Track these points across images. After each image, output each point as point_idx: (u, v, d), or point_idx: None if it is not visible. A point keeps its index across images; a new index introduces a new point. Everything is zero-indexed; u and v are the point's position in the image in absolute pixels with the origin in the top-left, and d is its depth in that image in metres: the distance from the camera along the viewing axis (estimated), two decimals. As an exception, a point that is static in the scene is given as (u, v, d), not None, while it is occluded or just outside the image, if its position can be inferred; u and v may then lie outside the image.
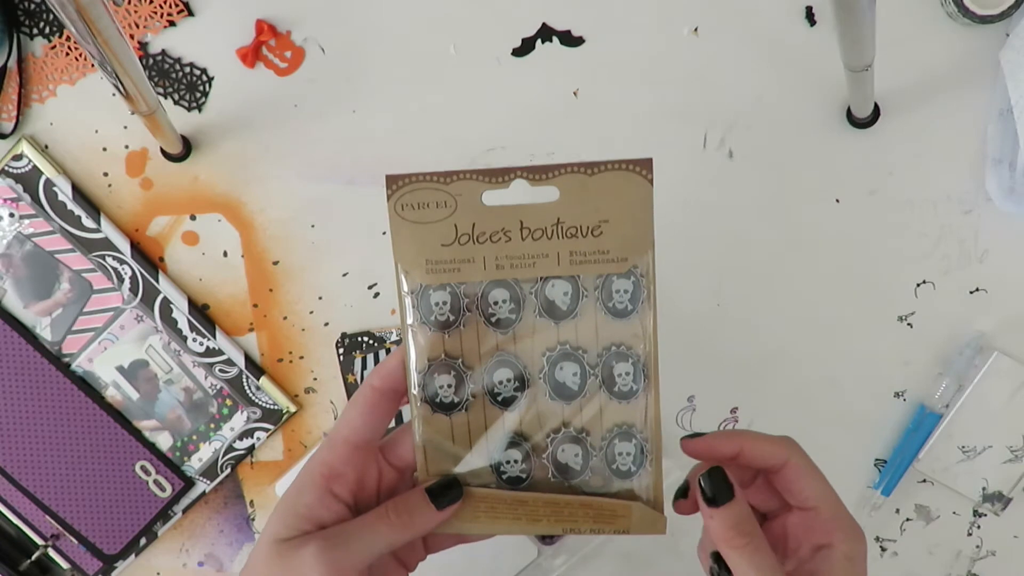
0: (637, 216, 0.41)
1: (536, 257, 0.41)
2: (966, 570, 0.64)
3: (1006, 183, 0.59)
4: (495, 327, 0.42)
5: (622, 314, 0.42)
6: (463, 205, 0.41)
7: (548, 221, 0.41)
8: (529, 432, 0.43)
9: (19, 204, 0.62)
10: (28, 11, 0.62)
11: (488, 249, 0.41)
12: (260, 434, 0.64)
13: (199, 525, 0.66)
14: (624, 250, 0.41)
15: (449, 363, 0.42)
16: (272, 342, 0.64)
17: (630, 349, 0.42)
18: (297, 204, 0.63)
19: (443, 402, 0.42)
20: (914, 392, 0.62)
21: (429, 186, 0.41)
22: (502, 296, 0.42)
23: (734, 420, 0.63)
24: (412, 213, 0.41)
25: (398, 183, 0.41)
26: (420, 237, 0.41)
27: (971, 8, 0.57)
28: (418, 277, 0.42)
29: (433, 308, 0.42)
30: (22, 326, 0.63)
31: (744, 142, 0.61)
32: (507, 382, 0.42)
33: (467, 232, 0.41)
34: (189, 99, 0.63)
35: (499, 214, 0.41)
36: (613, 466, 0.42)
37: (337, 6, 0.62)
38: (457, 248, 0.41)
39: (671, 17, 0.61)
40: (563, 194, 0.41)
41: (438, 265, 0.41)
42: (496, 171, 0.41)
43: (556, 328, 0.42)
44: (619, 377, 0.42)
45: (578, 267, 0.41)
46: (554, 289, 0.42)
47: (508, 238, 0.41)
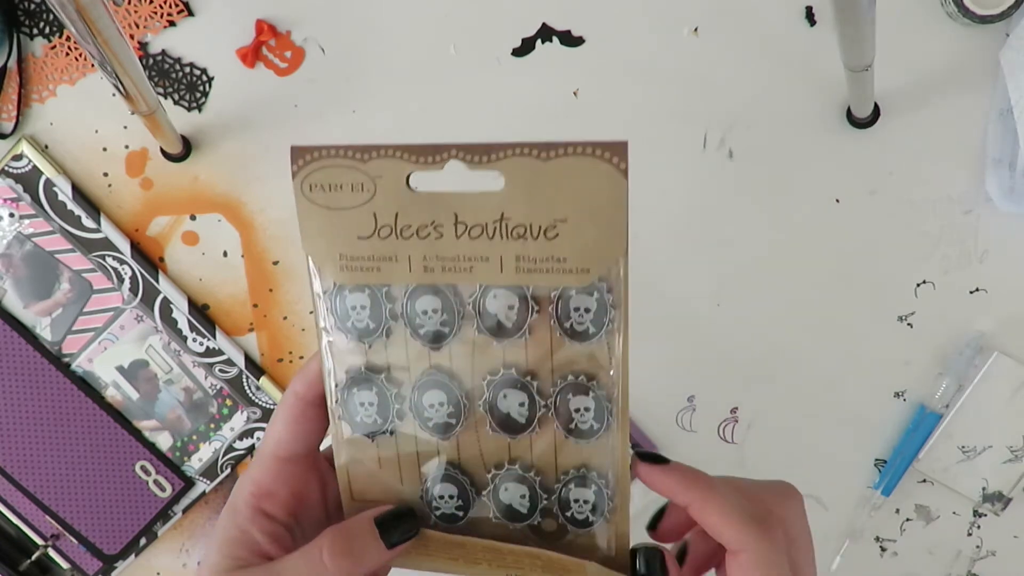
0: (605, 216, 0.32)
1: (474, 260, 0.33)
2: (966, 570, 0.64)
3: (1006, 183, 0.59)
4: (424, 341, 0.34)
5: (582, 337, 0.33)
6: (384, 189, 0.33)
7: (490, 216, 0.33)
8: (468, 465, 0.36)
9: (19, 204, 0.62)
10: (28, 11, 0.62)
11: (415, 246, 0.33)
12: (260, 434, 0.64)
13: (199, 525, 0.66)
14: (586, 259, 0.32)
15: (371, 378, 0.35)
16: (272, 342, 0.64)
17: (592, 379, 0.34)
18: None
19: (364, 422, 0.36)
20: (914, 392, 0.62)
21: (342, 163, 0.33)
22: (432, 305, 0.34)
23: (734, 420, 0.63)
24: (323, 196, 0.33)
25: (305, 157, 0.33)
26: (332, 226, 0.34)
27: (971, 8, 0.57)
28: (331, 275, 0.34)
29: (350, 312, 0.35)
30: (22, 326, 0.63)
31: (744, 142, 0.61)
32: (439, 407, 0.35)
33: (389, 224, 0.33)
34: (189, 99, 0.63)
35: (429, 203, 0.33)
36: (567, 513, 0.35)
37: (337, 6, 0.61)
38: (377, 243, 0.33)
39: (671, 17, 0.61)
40: (509, 183, 0.32)
41: (354, 262, 0.34)
42: (426, 148, 0.33)
43: (500, 348, 0.34)
44: (576, 413, 0.34)
45: (526, 276, 0.33)
46: (496, 301, 0.33)
47: (440, 234, 0.33)
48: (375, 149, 0.33)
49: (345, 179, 0.33)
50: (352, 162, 0.33)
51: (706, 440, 0.64)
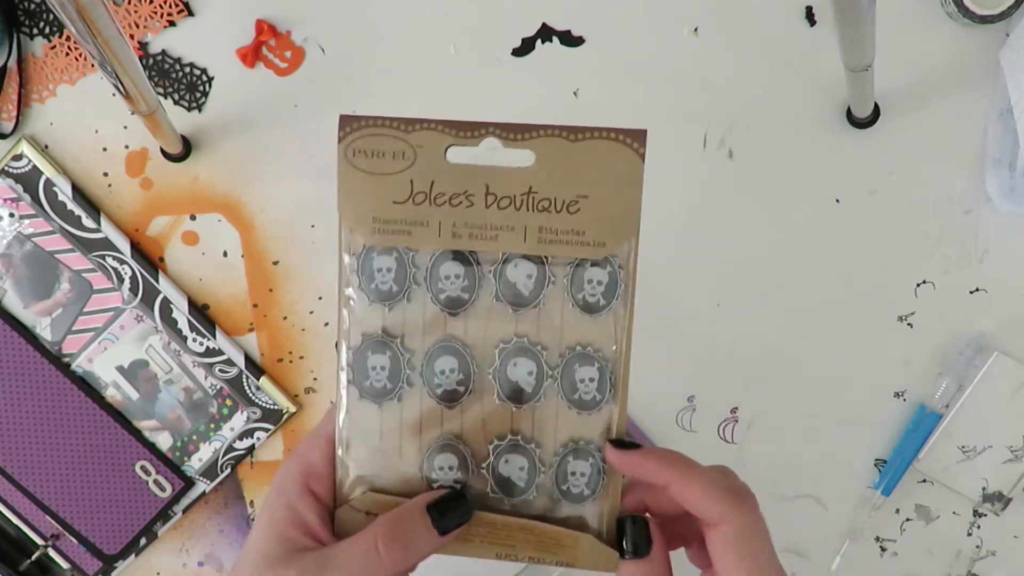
0: (622, 195, 0.36)
1: (500, 229, 0.36)
2: (966, 570, 0.64)
3: (1006, 183, 0.59)
4: (444, 307, 0.36)
5: (592, 309, 0.36)
6: (424, 159, 0.36)
7: (518, 189, 0.35)
8: (470, 436, 0.37)
9: (19, 204, 0.62)
10: (28, 11, 0.62)
11: (446, 213, 0.36)
12: (260, 434, 0.64)
13: (199, 525, 0.66)
14: (602, 233, 0.36)
15: (386, 342, 0.37)
16: (272, 342, 0.64)
17: (598, 351, 0.36)
18: (297, 204, 0.63)
19: (374, 387, 0.37)
20: (914, 392, 0.62)
21: (388, 132, 0.36)
22: (455, 271, 0.36)
23: (734, 420, 0.63)
24: (365, 161, 0.36)
25: (352, 125, 0.36)
26: (370, 190, 0.36)
27: (971, 8, 0.57)
28: (362, 237, 0.36)
29: (375, 274, 0.36)
30: (22, 326, 0.63)
31: (744, 142, 0.61)
32: (450, 373, 0.37)
33: (424, 191, 0.36)
34: (189, 99, 0.63)
35: (463, 174, 0.36)
36: (563, 487, 0.37)
37: (337, 6, 0.61)
38: (411, 208, 0.36)
39: (671, 17, 0.61)
40: (539, 160, 0.35)
41: (387, 225, 0.36)
42: (466, 124, 0.36)
43: (514, 317, 0.36)
44: (581, 383, 0.36)
45: (547, 247, 0.36)
46: (516, 270, 0.36)
47: (470, 203, 0.36)
48: (418, 122, 0.36)
49: (388, 147, 0.36)
50: (397, 132, 0.36)
51: (706, 440, 0.64)
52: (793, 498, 0.64)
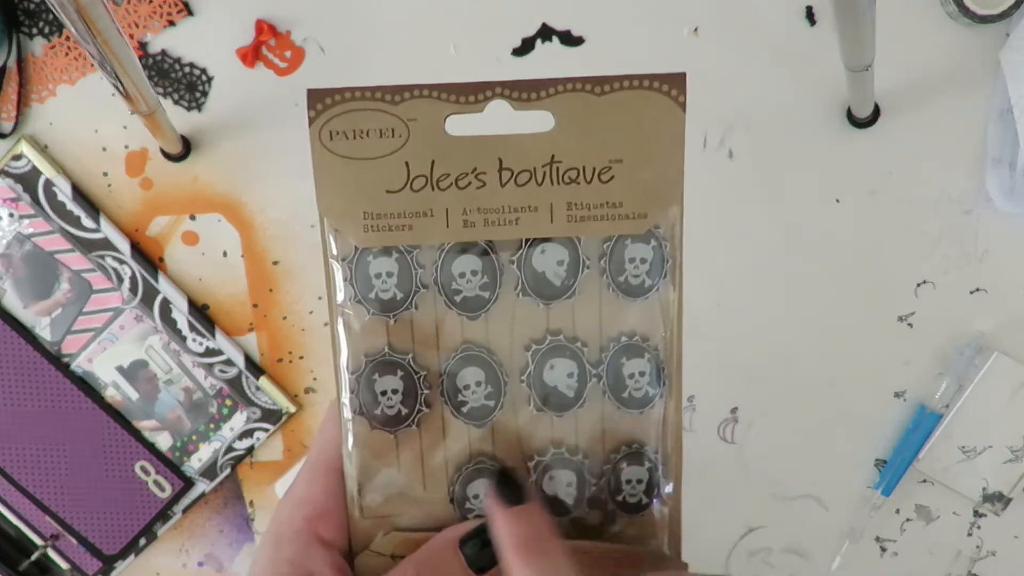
0: (663, 155, 0.30)
1: (521, 211, 0.30)
2: (966, 570, 0.64)
3: (1006, 183, 0.59)
4: (460, 310, 0.31)
5: (637, 292, 0.31)
6: (419, 134, 0.29)
7: (539, 159, 0.30)
8: (506, 454, 0.32)
9: (19, 204, 0.62)
10: (28, 11, 0.62)
11: (453, 198, 0.30)
12: (260, 434, 0.64)
13: (199, 525, 0.66)
14: (643, 203, 0.30)
15: (395, 360, 0.31)
16: (272, 342, 0.64)
17: (646, 340, 0.31)
18: (297, 204, 0.63)
19: (386, 414, 0.31)
20: (914, 392, 0.62)
21: (370, 106, 0.29)
22: (471, 266, 0.30)
23: (734, 420, 0.63)
24: (345, 144, 0.29)
25: (324, 101, 0.29)
26: (356, 179, 0.30)
27: (971, 8, 0.57)
28: (352, 237, 0.30)
29: (373, 281, 0.31)
30: (22, 326, 0.63)
31: (744, 142, 0.61)
32: (476, 387, 0.31)
33: (423, 173, 0.30)
34: (189, 99, 0.63)
35: (470, 148, 0.30)
36: (619, 498, 0.32)
37: (337, 6, 0.61)
38: (409, 196, 0.30)
39: (671, 17, 0.61)
40: (560, 121, 0.30)
41: (381, 220, 0.30)
42: (466, 86, 0.30)
43: (546, 311, 0.31)
44: (630, 379, 0.31)
45: (578, 226, 0.30)
46: (544, 257, 0.30)
47: (482, 183, 0.30)
48: (407, 89, 0.29)
49: (372, 124, 0.29)
50: (381, 104, 0.29)
51: (706, 440, 0.64)
52: (793, 498, 0.64)
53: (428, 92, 0.30)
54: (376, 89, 0.29)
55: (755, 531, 0.65)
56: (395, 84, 0.29)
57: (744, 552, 0.65)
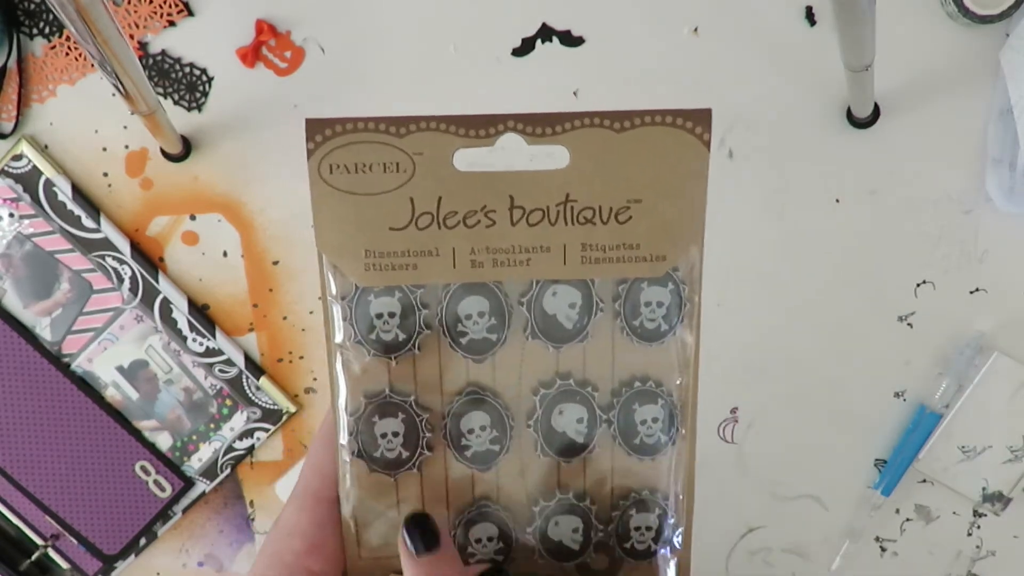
0: (684, 195, 0.29)
1: (532, 251, 0.28)
2: (966, 570, 0.64)
3: (1006, 183, 0.59)
4: (466, 352, 0.30)
5: (652, 336, 0.30)
6: (425, 169, 0.28)
7: (552, 198, 0.28)
8: (510, 499, 0.31)
9: (19, 204, 0.62)
10: (28, 11, 0.62)
11: (461, 237, 0.28)
12: (260, 434, 0.64)
13: (199, 525, 0.66)
14: (662, 245, 0.29)
15: (396, 402, 0.30)
16: (272, 342, 0.64)
17: (660, 386, 0.30)
18: (297, 204, 0.63)
19: (386, 457, 0.30)
20: (914, 392, 0.62)
21: (373, 138, 0.28)
22: (478, 308, 0.29)
23: (734, 420, 0.63)
24: (346, 179, 0.28)
25: (324, 132, 0.28)
26: (357, 215, 0.28)
27: (971, 8, 0.57)
28: (353, 275, 0.29)
29: (375, 322, 0.29)
30: (22, 326, 0.63)
31: (744, 142, 0.61)
32: (481, 431, 0.30)
33: (429, 210, 0.28)
34: (189, 99, 0.63)
35: (479, 184, 0.28)
36: (627, 544, 0.31)
37: (337, 6, 0.61)
38: (414, 234, 0.28)
39: (671, 17, 0.61)
40: (576, 158, 0.28)
41: (384, 259, 0.29)
42: (476, 119, 0.29)
43: (556, 354, 0.30)
44: (642, 425, 0.30)
45: (592, 267, 0.29)
46: (556, 299, 0.29)
47: (491, 221, 0.28)
48: (414, 121, 0.28)
49: (376, 157, 0.28)
50: (385, 136, 0.28)
51: (706, 440, 0.64)
52: (793, 498, 0.64)
53: (436, 124, 0.29)
54: (380, 120, 0.28)
55: (755, 531, 0.65)
56: (401, 115, 0.28)
57: (744, 552, 0.65)
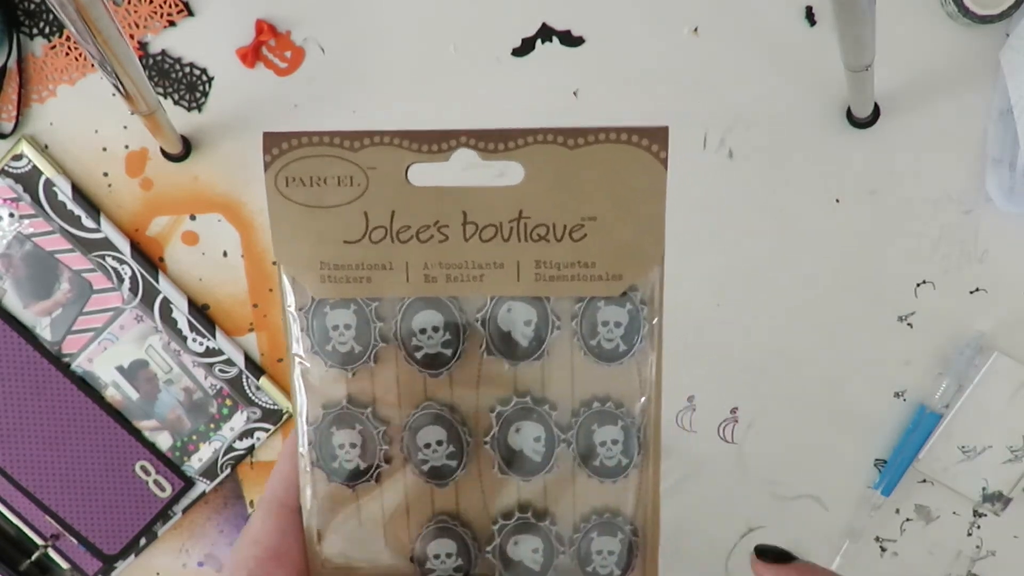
0: (641, 214, 0.28)
1: (486, 267, 0.28)
2: (966, 570, 0.64)
3: (1006, 183, 0.59)
4: (422, 367, 0.29)
5: (611, 356, 0.29)
6: (378, 183, 0.28)
7: (505, 214, 0.28)
8: (469, 515, 0.30)
9: (19, 204, 0.62)
10: (28, 11, 0.62)
11: (414, 251, 0.28)
12: (260, 434, 0.64)
13: (199, 525, 0.66)
14: (618, 264, 0.29)
15: (353, 414, 0.30)
16: (272, 342, 0.64)
17: (620, 407, 0.29)
18: (297, 204, 0.63)
19: (344, 468, 0.30)
20: (914, 392, 0.62)
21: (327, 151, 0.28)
22: (433, 321, 0.29)
23: (734, 420, 0.63)
24: (302, 191, 0.28)
25: (281, 145, 0.28)
26: (313, 228, 0.29)
27: (971, 8, 0.57)
28: (309, 287, 0.29)
29: (331, 333, 0.29)
30: (22, 326, 0.63)
31: (744, 142, 0.61)
32: (437, 446, 0.30)
33: (383, 224, 0.28)
34: (189, 99, 0.63)
35: (432, 200, 0.28)
36: (588, 568, 0.30)
37: (337, 6, 0.61)
38: (368, 247, 0.28)
39: (671, 17, 0.61)
40: (530, 175, 0.28)
41: (339, 271, 0.29)
42: (430, 134, 0.28)
43: (513, 371, 0.29)
44: (602, 447, 0.30)
45: (547, 285, 0.28)
46: (511, 315, 0.29)
47: (444, 236, 0.28)
48: (368, 135, 0.28)
49: (330, 171, 0.28)
50: (339, 151, 0.28)
51: (706, 440, 0.64)
52: (793, 498, 0.64)
53: (389, 139, 0.28)
54: (335, 134, 0.28)
55: (755, 531, 0.65)
56: (355, 130, 0.28)
57: (744, 552, 0.65)
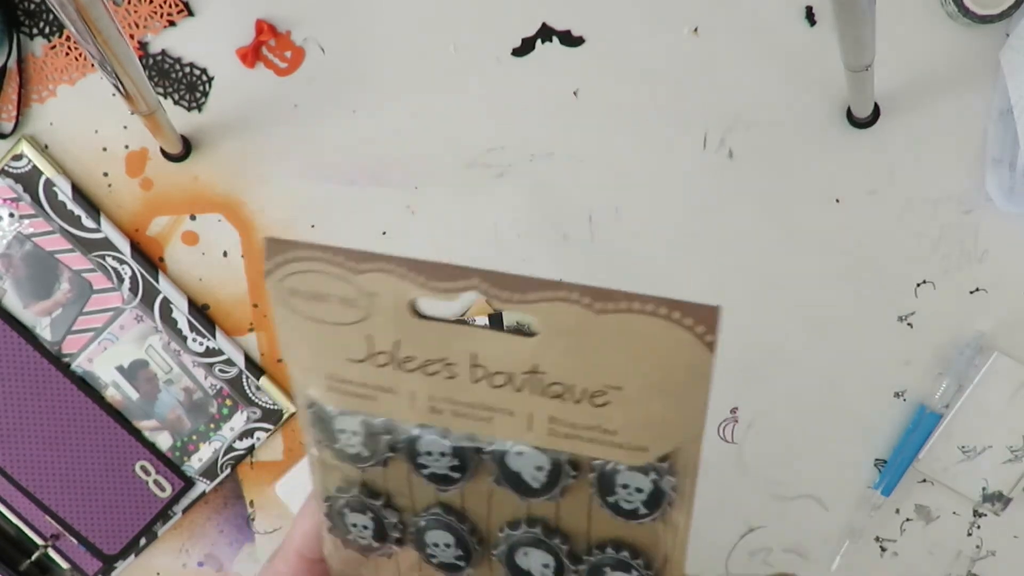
0: (676, 393, 0.25)
1: (494, 411, 0.26)
2: (966, 570, 0.64)
3: (1006, 183, 0.59)
4: (430, 481, 0.28)
5: (631, 516, 0.27)
6: (381, 311, 0.25)
7: (518, 365, 0.25)
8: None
9: (19, 204, 0.62)
10: (28, 11, 0.62)
11: (419, 382, 0.26)
12: (260, 434, 0.64)
13: (199, 525, 0.66)
14: (643, 436, 0.25)
15: (366, 503, 0.29)
16: (272, 342, 0.64)
17: (637, 558, 0.27)
18: (297, 204, 0.63)
19: (358, 542, 0.30)
20: (914, 392, 0.62)
21: (328, 270, 0.26)
22: (439, 448, 0.27)
23: (734, 420, 0.63)
24: (305, 304, 0.26)
25: (281, 254, 0.26)
26: (318, 340, 0.27)
27: (971, 8, 0.57)
28: (316, 393, 0.27)
29: (338, 435, 0.28)
30: (22, 326, 0.63)
31: (744, 142, 0.61)
32: (445, 548, 0.29)
33: (387, 350, 0.26)
34: (189, 99, 0.63)
35: (438, 335, 0.25)
36: None
37: (337, 6, 0.61)
38: (372, 370, 0.26)
39: (671, 17, 0.61)
40: (547, 332, 0.25)
41: (344, 385, 0.27)
42: (439, 269, 0.25)
43: (524, 504, 0.28)
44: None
45: (562, 441, 0.26)
46: (521, 459, 0.26)
47: (451, 374, 0.26)
48: (371, 259, 0.25)
49: (332, 289, 0.26)
50: (341, 271, 0.25)
51: (706, 440, 0.63)
52: (793, 498, 0.64)
53: (394, 267, 0.25)
54: (339, 252, 0.25)
55: (755, 531, 0.65)
56: (360, 250, 0.25)
57: (744, 552, 0.65)
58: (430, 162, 0.62)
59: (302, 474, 0.65)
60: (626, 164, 0.62)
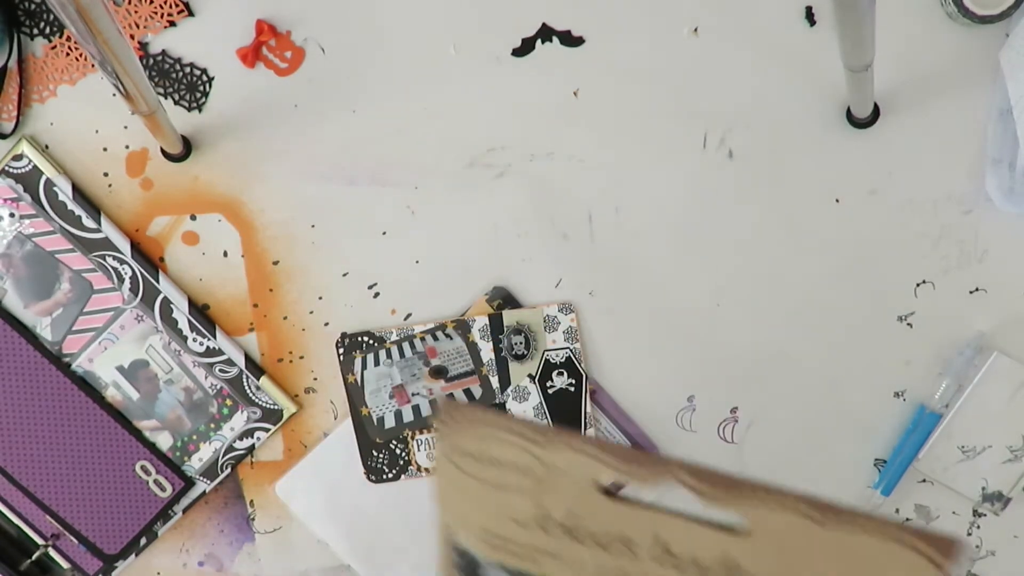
0: None
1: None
2: (966, 570, 0.64)
3: (1006, 183, 0.59)
4: None
5: None
6: (560, 484, 0.25)
7: (712, 555, 0.23)
8: None
9: (19, 204, 0.62)
10: (28, 11, 0.62)
11: (592, 554, 0.25)
12: (260, 434, 0.64)
13: (199, 525, 0.66)
14: None
15: None
16: (272, 342, 0.64)
17: None
18: (297, 204, 0.63)
19: None
20: (914, 392, 0.62)
21: (508, 439, 0.25)
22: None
23: (734, 420, 0.63)
24: (474, 466, 0.25)
25: (454, 416, 0.25)
26: (481, 497, 0.26)
27: (971, 8, 0.57)
28: (468, 541, 0.27)
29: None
30: (22, 326, 0.63)
31: (744, 142, 0.61)
32: None
33: (561, 521, 0.25)
34: (189, 99, 0.63)
35: (622, 514, 0.24)
36: None
37: (337, 6, 0.62)
38: (538, 534, 0.25)
39: (671, 17, 0.61)
40: (760, 535, 0.23)
41: (502, 541, 0.26)
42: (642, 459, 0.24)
43: None
44: None
45: None
46: None
47: (632, 553, 0.24)
48: (561, 436, 0.24)
49: (509, 457, 0.25)
50: (524, 443, 0.25)
51: (706, 440, 0.64)
52: (793, 498, 0.64)
53: (586, 447, 0.24)
54: (522, 425, 0.25)
55: (755, 531, 0.65)
56: (548, 427, 0.25)
57: (744, 552, 0.65)
58: (430, 162, 0.62)
59: (302, 474, 0.65)
60: (626, 164, 0.62)
